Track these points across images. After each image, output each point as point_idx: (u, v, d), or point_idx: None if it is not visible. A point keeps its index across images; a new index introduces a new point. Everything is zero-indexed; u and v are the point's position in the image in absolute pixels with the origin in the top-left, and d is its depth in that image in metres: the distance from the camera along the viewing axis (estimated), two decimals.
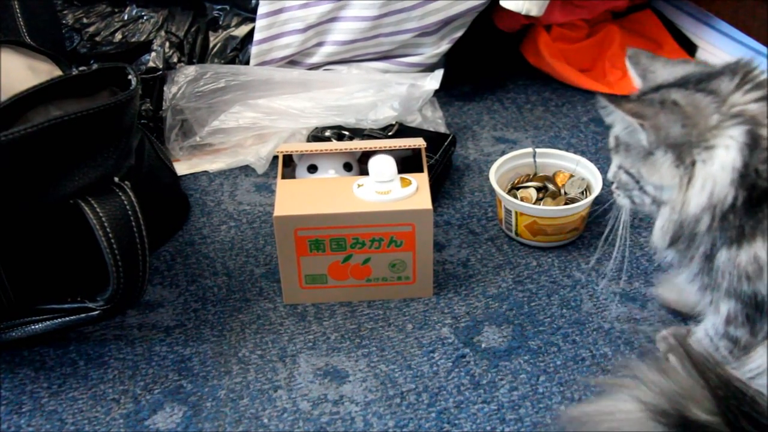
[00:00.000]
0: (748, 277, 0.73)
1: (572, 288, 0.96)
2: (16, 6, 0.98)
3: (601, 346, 0.88)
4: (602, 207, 1.01)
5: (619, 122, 0.76)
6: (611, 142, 0.80)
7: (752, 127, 0.70)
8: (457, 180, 1.14)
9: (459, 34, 1.26)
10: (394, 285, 0.94)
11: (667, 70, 0.78)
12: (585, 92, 1.31)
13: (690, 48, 1.37)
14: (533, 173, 1.08)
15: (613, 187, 0.83)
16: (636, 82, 0.81)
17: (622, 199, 0.81)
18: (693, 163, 0.72)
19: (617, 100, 0.74)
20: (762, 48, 1.26)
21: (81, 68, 0.86)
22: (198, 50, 1.23)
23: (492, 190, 1.06)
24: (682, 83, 0.75)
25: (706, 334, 0.81)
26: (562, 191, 1.05)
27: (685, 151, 0.72)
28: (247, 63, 1.22)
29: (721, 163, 0.70)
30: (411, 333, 0.91)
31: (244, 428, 0.81)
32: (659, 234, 0.77)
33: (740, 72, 0.73)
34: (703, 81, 0.74)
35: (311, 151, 0.97)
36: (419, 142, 0.99)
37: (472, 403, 0.83)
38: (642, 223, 1.05)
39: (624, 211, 0.83)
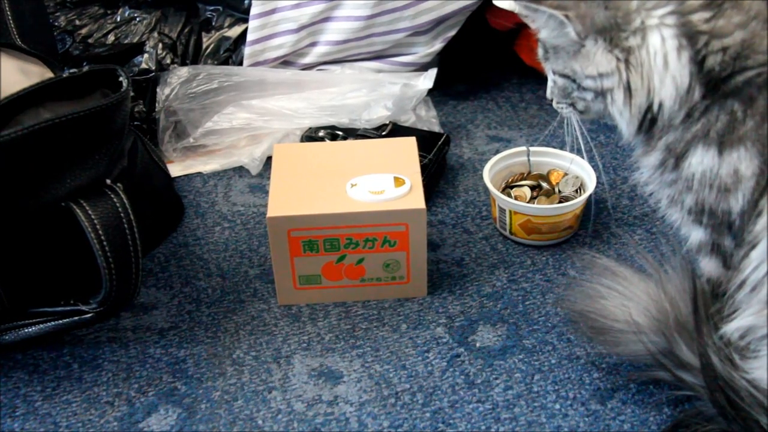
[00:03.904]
0: (727, 190, 0.72)
1: (567, 286, 0.96)
2: (7, 8, 0.97)
3: (596, 344, 0.88)
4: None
5: (544, 24, 0.75)
6: (540, 52, 0.79)
7: (678, 7, 0.70)
8: (452, 179, 1.14)
9: (452, 33, 1.26)
10: (388, 285, 0.94)
11: None
12: None
13: None
14: (527, 172, 1.08)
15: (554, 103, 0.82)
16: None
17: (565, 110, 0.81)
18: (629, 50, 0.71)
19: (538, 0, 0.73)
20: None
21: (72, 70, 0.86)
22: (191, 51, 1.23)
23: (486, 189, 1.06)
24: None
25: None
26: (556, 189, 1.05)
27: (615, 36, 0.71)
28: (240, 64, 1.22)
29: (656, 48, 0.70)
30: (405, 333, 0.91)
31: (239, 429, 0.81)
32: (623, 122, 0.75)
33: None
34: None
35: None
36: (411, 142, 0.99)
37: (466, 403, 0.83)
38: (636, 221, 1.05)
39: (573, 122, 0.82)
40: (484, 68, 1.37)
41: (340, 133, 1.13)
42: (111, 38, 1.23)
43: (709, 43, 0.69)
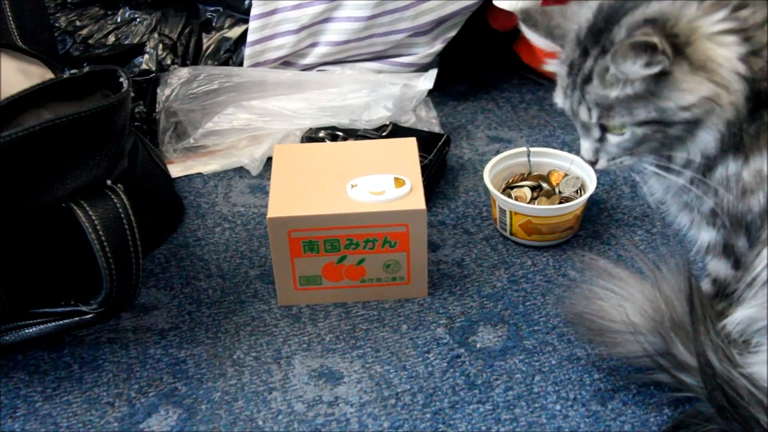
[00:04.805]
0: (751, 191, 0.71)
1: (567, 287, 0.96)
2: (7, 9, 0.98)
3: (595, 345, 0.88)
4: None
5: (619, 72, 0.68)
6: (593, 116, 0.73)
7: (731, 10, 0.68)
8: (452, 180, 1.14)
9: (452, 33, 1.26)
10: (388, 285, 0.94)
11: (573, 18, 0.73)
12: None
13: None
14: (527, 172, 1.08)
15: (604, 163, 0.76)
16: (545, 44, 0.76)
17: (627, 162, 0.75)
18: (705, 64, 0.67)
19: (621, 41, 0.68)
20: None
21: (73, 71, 0.86)
22: (191, 52, 1.23)
23: (486, 190, 1.06)
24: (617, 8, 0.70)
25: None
26: (557, 190, 1.05)
27: (687, 51, 0.67)
28: (240, 64, 1.22)
29: (725, 56, 0.67)
30: (406, 333, 0.91)
31: (239, 430, 0.81)
32: (707, 143, 0.71)
33: None
34: None
35: None
36: (412, 142, 0.99)
37: (467, 404, 0.83)
38: (636, 222, 1.05)
39: (647, 166, 0.75)
40: (484, 68, 1.37)
41: (340, 133, 1.13)
42: (111, 39, 1.23)
43: (759, 40, 0.67)
